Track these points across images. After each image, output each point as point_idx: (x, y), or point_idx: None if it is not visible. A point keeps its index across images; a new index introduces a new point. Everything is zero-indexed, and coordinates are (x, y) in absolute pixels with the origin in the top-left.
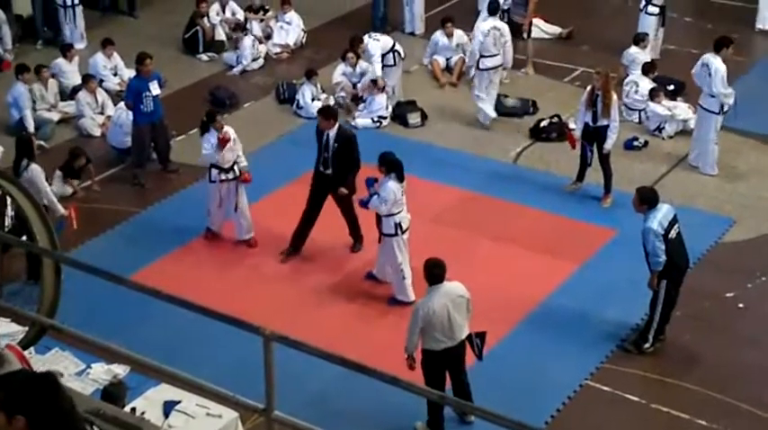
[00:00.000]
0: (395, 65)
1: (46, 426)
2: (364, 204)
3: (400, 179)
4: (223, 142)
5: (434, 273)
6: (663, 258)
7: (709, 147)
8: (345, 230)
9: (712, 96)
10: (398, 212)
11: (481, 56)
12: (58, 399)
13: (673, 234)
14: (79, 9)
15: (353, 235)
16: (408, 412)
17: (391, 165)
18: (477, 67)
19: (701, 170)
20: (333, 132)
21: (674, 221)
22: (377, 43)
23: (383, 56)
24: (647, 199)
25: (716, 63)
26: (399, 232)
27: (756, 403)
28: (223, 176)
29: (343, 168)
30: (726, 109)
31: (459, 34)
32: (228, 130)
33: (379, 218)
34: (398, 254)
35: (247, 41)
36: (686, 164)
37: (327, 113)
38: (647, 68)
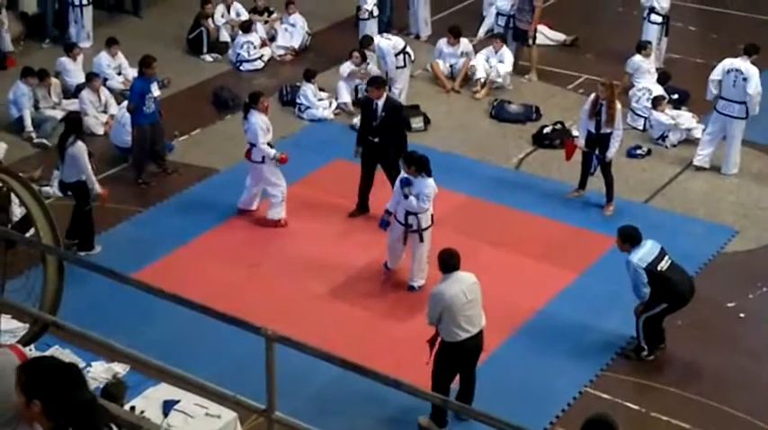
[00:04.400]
0: (405, 66)
1: (62, 414)
2: (384, 224)
3: (429, 174)
4: (282, 160)
5: (449, 262)
6: (646, 290)
7: (736, 151)
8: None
9: (740, 103)
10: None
11: None
12: (76, 390)
13: (663, 266)
14: (88, 9)
15: (363, 204)
16: (410, 410)
17: (421, 164)
18: None
19: (725, 172)
20: (381, 101)
21: (661, 255)
22: (388, 42)
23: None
24: (627, 237)
25: (750, 67)
26: (432, 222)
27: (756, 413)
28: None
29: (389, 137)
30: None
31: (464, 42)
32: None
33: (406, 218)
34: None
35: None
36: (689, 173)
37: (379, 83)
38: (663, 78)
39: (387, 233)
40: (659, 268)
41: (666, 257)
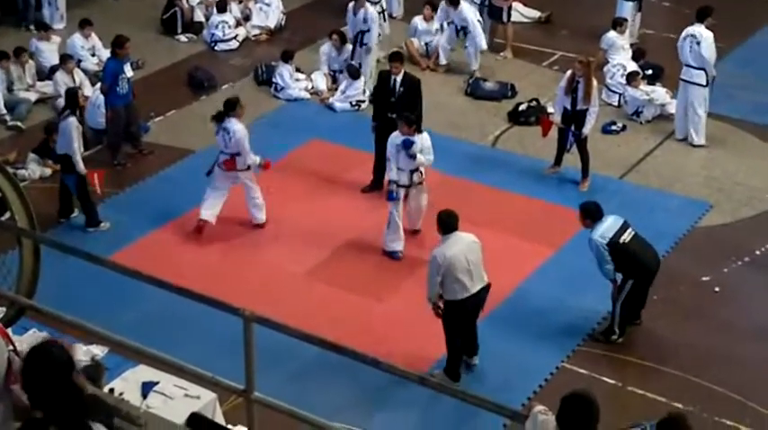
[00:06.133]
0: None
1: (36, 393)
2: (392, 196)
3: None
4: (266, 166)
5: (448, 222)
6: (609, 267)
7: (698, 119)
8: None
9: (699, 69)
10: None
11: None
12: (41, 369)
13: (626, 238)
14: None
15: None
16: (390, 387)
17: (417, 122)
18: None
19: (690, 141)
20: (399, 77)
21: (623, 228)
22: (373, 8)
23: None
24: (588, 212)
25: (703, 31)
26: None
27: (732, 387)
28: None
29: (408, 111)
30: (711, 81)
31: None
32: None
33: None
34: None
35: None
36: (664, 148)
37: (400, 57)
38: (638, 54)
39: (367, 211)
40: (621, 240)
41: (629, 230)
